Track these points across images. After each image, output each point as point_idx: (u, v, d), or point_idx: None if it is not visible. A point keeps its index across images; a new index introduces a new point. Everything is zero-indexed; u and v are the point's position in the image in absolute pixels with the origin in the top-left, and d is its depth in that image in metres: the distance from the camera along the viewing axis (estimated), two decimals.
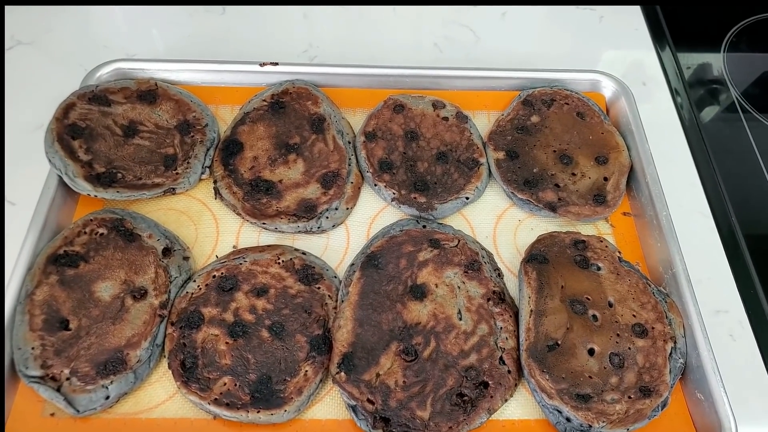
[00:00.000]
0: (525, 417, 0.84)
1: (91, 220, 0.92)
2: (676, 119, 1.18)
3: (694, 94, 1.25)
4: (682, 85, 1.24)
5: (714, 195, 1.07)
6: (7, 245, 0.93)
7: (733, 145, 1.19)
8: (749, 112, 1.24)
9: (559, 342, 0.84)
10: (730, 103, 1.27)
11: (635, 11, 1.37)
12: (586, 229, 1.00)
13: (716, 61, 1.33)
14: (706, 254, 1.00)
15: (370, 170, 1.01)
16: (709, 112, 1.24)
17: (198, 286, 0.89)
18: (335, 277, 0.93)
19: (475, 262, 0.92)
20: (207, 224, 0.98)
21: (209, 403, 0.80)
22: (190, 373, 0.82)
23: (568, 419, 0.80)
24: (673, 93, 1.22)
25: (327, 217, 0.97)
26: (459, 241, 0.94)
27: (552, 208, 0.98)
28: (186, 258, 0.93)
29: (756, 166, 1.15)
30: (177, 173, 0.98)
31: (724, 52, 1.33)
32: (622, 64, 1.27)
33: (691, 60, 1.31)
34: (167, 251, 0.91)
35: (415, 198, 0.98)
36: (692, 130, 1.17)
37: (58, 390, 0.80)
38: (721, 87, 1.30)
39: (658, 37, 1.32)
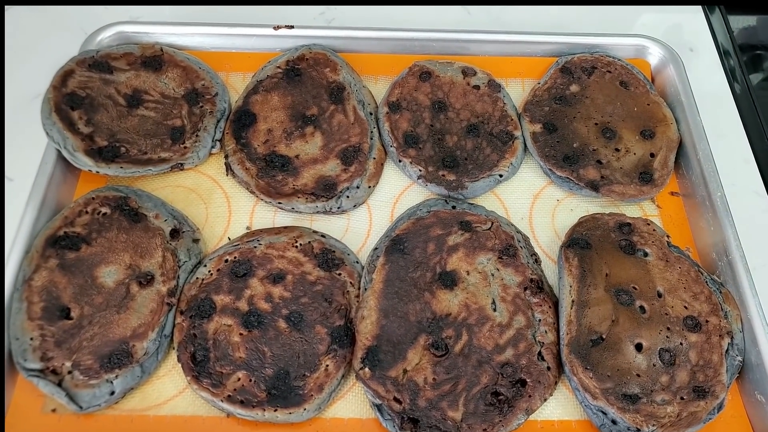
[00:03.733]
0: (565, 418, 0.79)
1: (93, 198, 0.87)
2: (725, 88, 1.09)
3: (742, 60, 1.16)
4: (734, 51, 1.14)
5: None
6: (4, 224, 0.87)
7: None
8: None
9: (604, 336, 0.78)
10: None
11: None
12: (630, 211, 0.93)
13: (760, 24, 1.23)
14: (762, 238, 0.92)
15: (394, 145, 0.94)
16: (753, 79, 1.14)
17: (209, 271, 0.83)
18: (357, 262, 0.87)
19: (510, 246, 0.85)
20: (218, 203, 0.92)
21: (222, 401, 0.75)
22: (201, 367, 0.77)
23: (614, 421, 0.74)
24: (723, 58, 1.12)
25: (347, 197, 0.90)
26: (492, 223, 0.87)
27: (594, 187, 0.91)
28: (196, 240, 0.87)
29: None
30: (185, 147, 0.92)
31: None
32: (664, 27, 1.18)
33: (736, 23, 1.22)
34: (175, 233, 0.86)
35: (443, 175, 0.92)
36: (744, 100, 1.07)
37: (60, 384, 0.75)
38: (765, 53, 1.21)
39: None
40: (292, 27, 1.03)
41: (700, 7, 1.20)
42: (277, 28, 1.03)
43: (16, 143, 0.95)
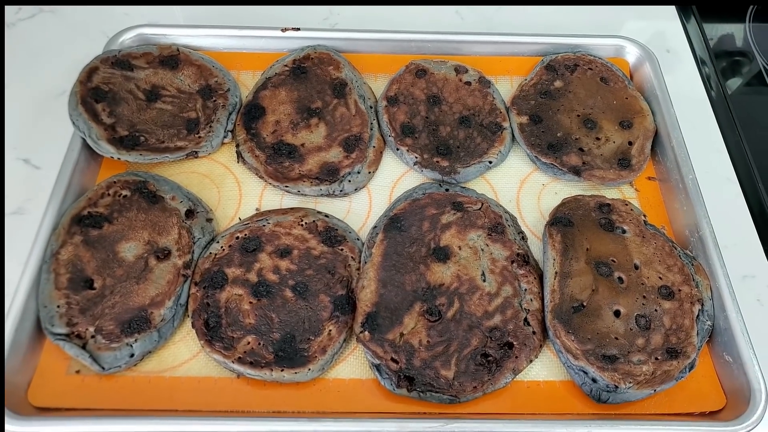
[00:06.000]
0: (550, 378, 0.84)
1: (115, 182, 0.92)
2: (701, 89, 1.16)
3: (718, 66, 1.23)
4: (708, 55, 1.22)
5: (740, 161, 1.06)
6: (33, 207, 0.94)
7: (761, 116, 1.17)
8: None
9: (585, 303, 0.84)
10: (755, 75, 1.25)
11: None
12: (610, 194, 0.99)
13: (740, 32, 1.30)
14: (733, 220, 0.99)
15: (392, 134, 1.00)
16: (732, 84, 1.22)
17: (221, 247, 0.89)
18: (358, 239, 0.92)
19: (498, 224, 0.91)
20: (230, 187, 0.98)
21: (233, 362, 0.80)
22: (213, 332, 0.82)
23: (594, 380, 0.80)
24: (699, 63, 1.20)
25: (349, 181, 0.96)
26: (482, 204, 0.93)
27: (576, 172, 0.97)
28: (209, 220, 0.93)
29: None
30: (199, 137, 0.98)
31: (749, 22, 1.31)
32: (645, 34, 1.25)
33: (714, 31, 1.29)
34: (190, 213, 0.91)
35: (437, 162, 0.97)
36: (719, 100, 1.15)
37: (84, 347, 0.80)
38: (743, 58, 1.28)
39: (682, 7, 1.30)
40: (298, 29, 1.09)
41: (676, 14, 1.28)
42: (284, 30, 1.08)
43: (44, 135, 1.02)
